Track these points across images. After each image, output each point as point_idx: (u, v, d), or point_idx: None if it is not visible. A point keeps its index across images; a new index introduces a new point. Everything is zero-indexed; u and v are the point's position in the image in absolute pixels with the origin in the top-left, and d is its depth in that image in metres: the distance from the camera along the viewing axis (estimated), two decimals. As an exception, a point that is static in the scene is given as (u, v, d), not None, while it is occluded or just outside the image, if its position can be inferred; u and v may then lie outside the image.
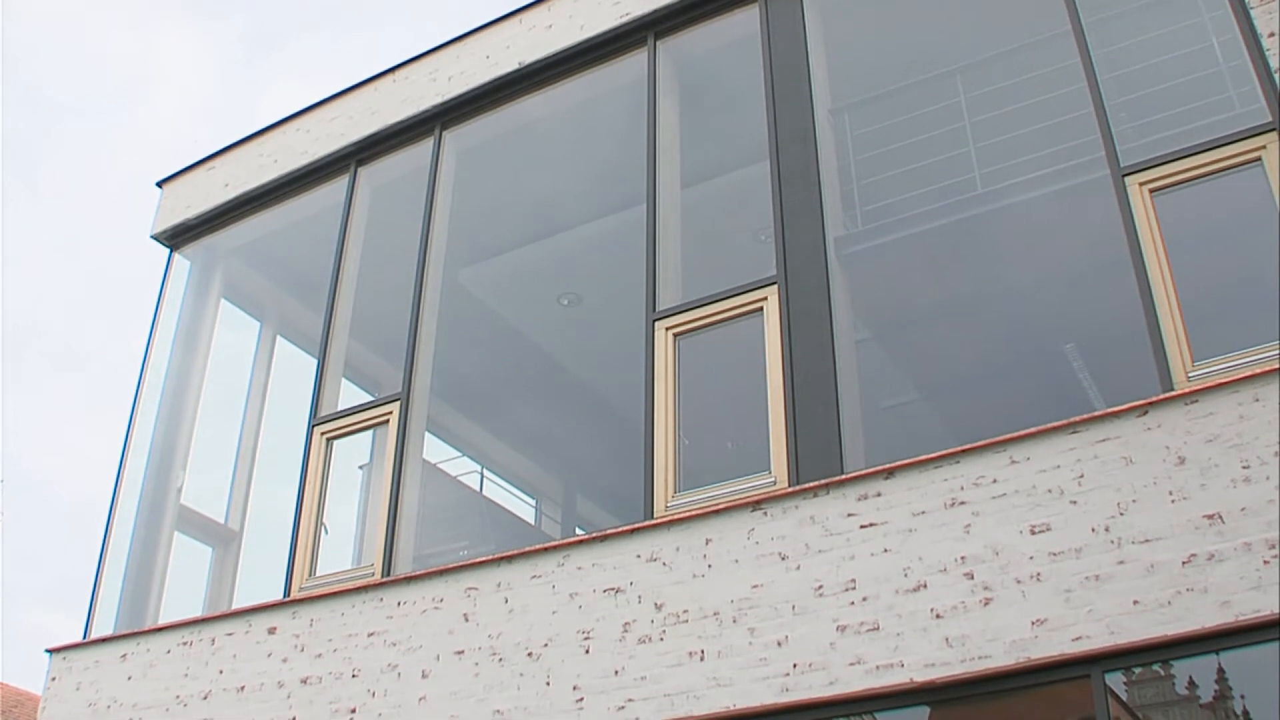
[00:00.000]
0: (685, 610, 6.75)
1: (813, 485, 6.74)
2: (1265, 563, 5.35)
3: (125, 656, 8.94)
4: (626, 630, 6.89)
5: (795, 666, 6.26)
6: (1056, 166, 8.11)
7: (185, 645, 8.67)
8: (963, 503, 6.23)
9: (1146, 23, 8.24)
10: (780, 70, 8.55)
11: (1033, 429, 6.24)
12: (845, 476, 6.68)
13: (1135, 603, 5.55)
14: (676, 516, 7.10)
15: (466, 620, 7.52)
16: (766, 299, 7.69)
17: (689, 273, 8.47)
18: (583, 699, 6.82)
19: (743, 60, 9.01)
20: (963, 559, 6.08)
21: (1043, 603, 5.77)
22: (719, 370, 8.35)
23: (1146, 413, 6.00)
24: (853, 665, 6.10)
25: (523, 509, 14.18)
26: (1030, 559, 5.91)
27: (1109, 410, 6.10)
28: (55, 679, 9.26)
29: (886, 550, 6.32)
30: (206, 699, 8.31)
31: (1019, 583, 5.88)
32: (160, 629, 8.97)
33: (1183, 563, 5.54)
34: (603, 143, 10.23)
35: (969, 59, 9.07)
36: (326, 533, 9.11)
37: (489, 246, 11.32)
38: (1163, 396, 6.01)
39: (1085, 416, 6.14)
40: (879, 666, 6.04)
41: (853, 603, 6.27)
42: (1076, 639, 5.62)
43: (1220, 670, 5.43)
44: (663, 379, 7.82)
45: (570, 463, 14.33)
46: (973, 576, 6.01)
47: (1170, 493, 5.73)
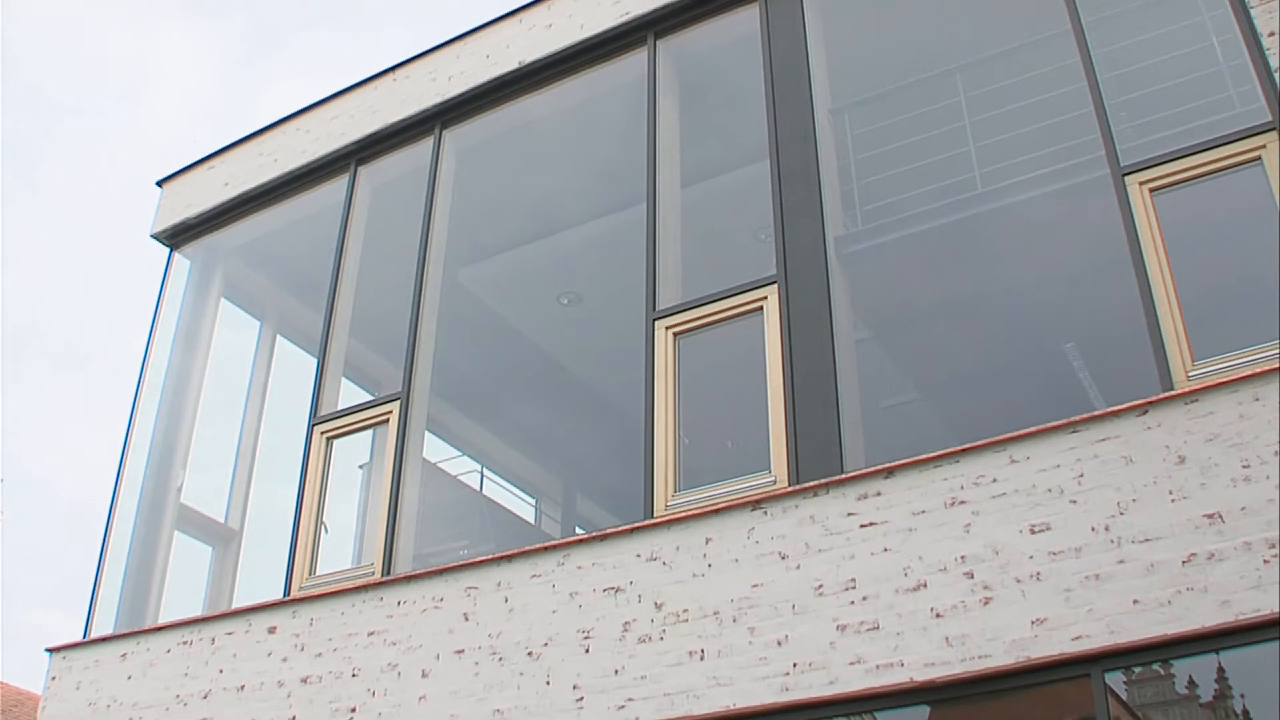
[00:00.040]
0: (685, 609, 6.75)
1: (813, 485, 6.74)
2: (1265, 562, 5.35)
3: (125, 656, 8.94)
4: (626, 629, 6.89)
5: (795, 666, 6.26)
6: (1056, 166, 8.10)
7: (185, 644, 8.67)
8: (963, 502, 6.23)
9: (1146, 22, 8.24)
10: (780, 69, 8.55)
11: (1033, 428, 6.24)
12: (845, 476, 6.68)
13: (1135, 602, 5.55)
14: (676, 516, 7.10)
15: (466, 619, 7.52)
16: (766, 298, 7.69)
17: (689, 272, 8.47)
18: (583, 698, 6.82)
19: (743, 59, 9.00)
20: (963, 558, 6.08)
21: (1043, 602, 5.77)
22: (719, 369, 8.35)
23: (1146, 412, 6.00)
24: (853, 664, 6.10)
25: (523, 508, 14.18)
26: (1030, 558, 5.91)
27: (1109, 410, 6.10)
28: (55, 678, 9.26)
29: (886, 549, 6.32)
30: (206, 698, 8.31)
31: (1019, 582, 5.88)
32: (160, 628, 8.97)
33: (1183, 562, 5.54)
34: (603, 142, 10.23)
35: (969, 58, 9.07)
36: (326, 532, 9.11)
37: (489, 246, 11.33)
38: (1163, 396, 6.01)
39: (1085, 416, 6.14)
40: (879, 666, 6.04)
41: (853, 602, 6.27)
42: (1076, 638, 5.62)
43: (1220, 670, 5.43)
44: (663, 378, 7.82)
45: (570, 462, 14.33)
46: (973, 576, 6.01)
47: (1170, 492, 5.73)
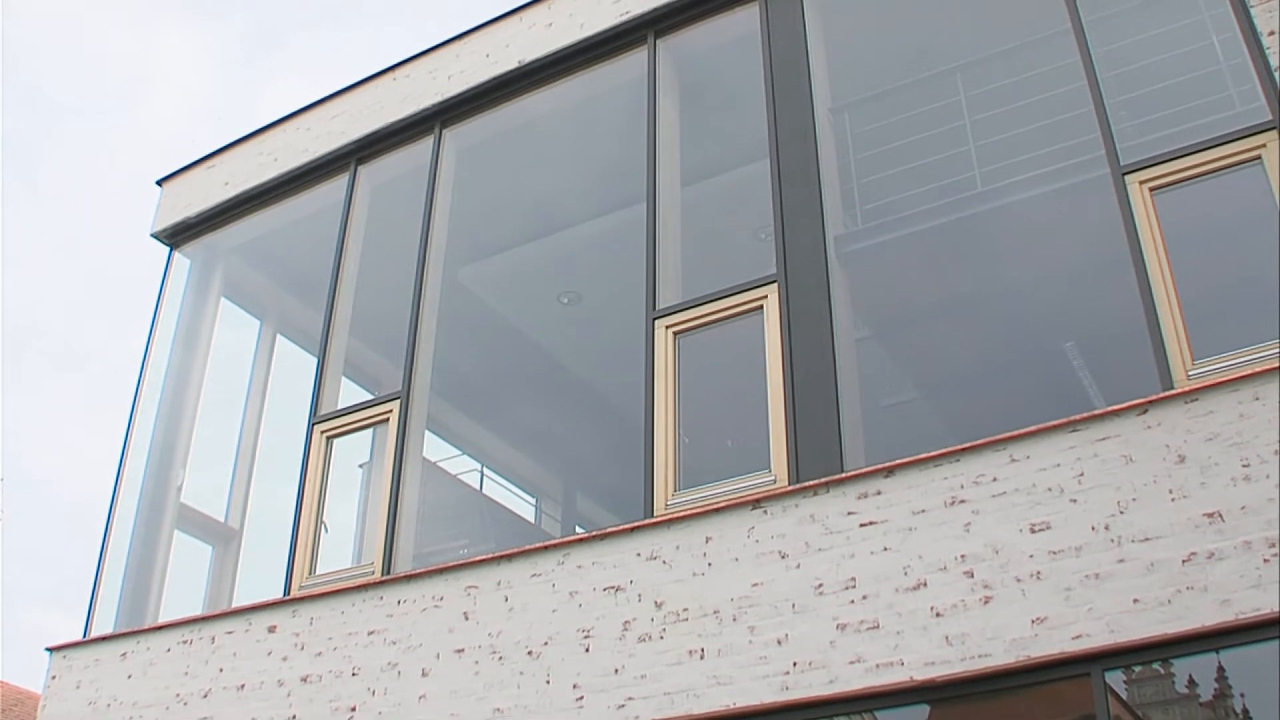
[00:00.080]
0: (685, 609, 6.75)
1: (813, 484, 6.74)
2: (1265, 561, 5.35)
3: (125, 655, 8.95)
4: (626, 629, 6.89)
5: (795, 665, 6.26)
6: (1056, 165, 8.10)
7: (185, 644, 8.67)
8: (963, 501, 6.23)
9: (1146, 21, 8.23)
10: (780, 68, 8.55)
11: (1033, 427, 6.23)
12: (845, 475, 6.68)
13: (1135, 601, 5.55)
14: (676, 515, 7.10)
15: (466, 619, 7.52)
16: (766, 297, 7.69)
17: (689, 271, 8.47)
18: (583, 697, 6.82)
19: (743, 58, 9.00)
20: (963, 557, 6.08)
21: (1043, 601, 5.77)
22: (719, 369, 8.35)
23: (1146, 411, 6.00)
24: (853, 664, 6.10)
25: (523, 507, 14.18)
26: (1030, 557, 5.91)
27: (1109, 409, 6.10)
28: (55, 677, 9.26)
29: (886, 549, 6.32)
30: (206, 697, 8.31)
31: (1019, 581, 5.88)
32: (160, 627, 8.97)
33: (1183, 561, 5.54)
34: (603, 141, 10.23)
35: (969, 57, 9.07)
36: (326, 531, 9.11)
37: (489, 245, 11.33)
38: (1163, 395, 6.01)
39: (1085, 415, 6.14)
40: (879, 665, 6.04)
41: (853, 601, 6.27)
42: (1076, 637, 5.62)
43: (1220, 669, 5.43)
44: (663, 377, 7.82)
45: (570, 461, 14.33)
46: (973, 575, 6.01)
47: (1170, 491, 5.73)
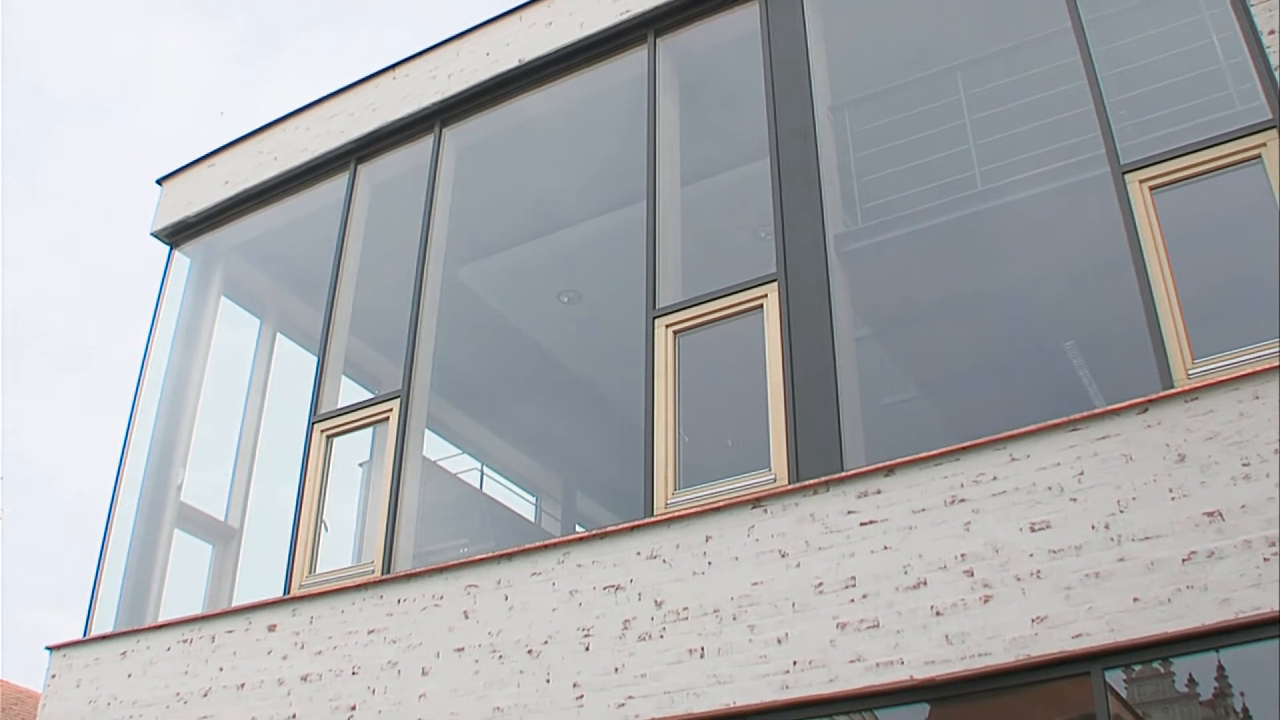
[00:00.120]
0: (685, 607, 6.75)
1: (813, 482, 6.74)
2: (1265, 560, 5.35)
3: (125, 654, 8.95)
4: (626, 628, 6.89)
5: (795, 664, 6.26)
6: (1056, 164, 8.09)
7: (185, 643, 8.67)
8: (963, 500, 6.23)
9: (1146, 20, 8.23)
10: (780, 67, 8.55)
11: (1033, 426, 6.23)
12: (845, 474, 6.68)
13: (1135, 600, 5.55)
14: (676, 514, 7.10)
15: (466, 617, 7.52)
16: (766, 296, 7.69)
17: (689, 270, 8.47)
18: (583, 696, 6.82)
19: (743, 57, 9.00)
20: (963, 556, 6.08)
21: (1043, 600, 5.77)
22: (719, 367, 8.35)
23: (1146, 410, 6.00)
24: (853, 663, 6.10)
25: (523, 506, 14.18)
26: (1030, 556, 5.91)
27: (1109, 408, 6.10)
28: (55, 676, 9.26)
29: (886, 547, 6.32)
30: (206, 696, 8.31)
31: (1019, 580, 5.88)
32: (160, 626, 8.97)
33: (1183, 560, 5.54)
34: (603, 140, 10.23)
35: (969, 56, 9.06)
36: (326, 530, 9.11)
37: (489, 244, 11.32)
38: (1163, 394, 6.01)
39: (1085, 414, 6.14)
40: (879, 664, 6.04)
41: (853, 600, 6.27)
42: (1076, 636, 5.62)
43: (1220, 668, 5.43)
44: (663, 376, 7.82)
45: (570, 460, 14.33)
46: (973, 574, 6.01)
47: (1170, 490, 5.73)
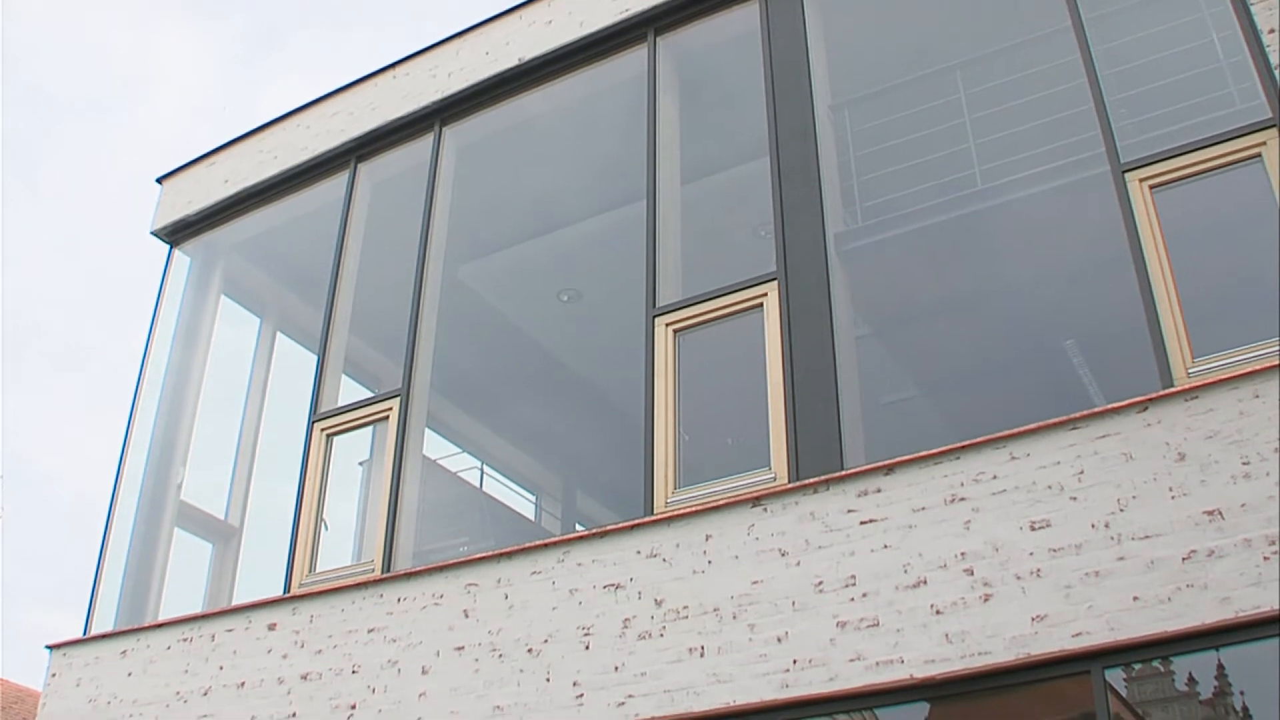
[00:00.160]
0: (685, 606, 6.75)
1: (813, 481, 6.74)
2: (1265, 559, 5.35)
3: (125, 653, 8.95)
4: (626, 626, 6.89)
5: (795, 663, 6.26)
6: (1056, 162, 8.09)
7: (185, 641, 8.67)
8: (963, 499, 6.23)
9: (1147, 19, 8.23)
10: (780, 66, 8.55)
11: (1033, 425, 6.23)
12: (845, 472, 6.68)
13: (1135, 599, 5.55)
14: (676, 512, 7.10)
15: (466, 616, 7.52)
16: (766, 295, 7.69)
17: (689, 269, 8.46)
18: (583, 695, 6.82)
19: (743, 56, 8.99)
20: (963, 555, 6.08)
21: (1043, 599, 5.77)
22: (719, 366, 8.34)
23: (1146, 409, 6.00)
24: (853, 661, 6.10)
25: (523, 505, 14.18)
26: (1030, 555, 5.91)
27: (1109, 406, 6.10)
28: (55, 675, 9.26)
29: (886, 546, 6.32)
30: (206, 695, 8.31)
31: (1019, 579, 5.88)
32: (160, 625, 8.97)
33: (1183, 559, 5.54)
34: (603, 139, 10.23)
35: (969, 55, 9.06)
36: (326, 529, 9.11)
37: (489, 242, 11.32)
38: (1163, 393, 6.01)
39: (1085, 413, 6.14)
40: (879, 663, 6.04)
41: (853, 599, 6.27)
42: (1076, 635, 5.62)
43: (1220, 667, 5.43)
44: (663, 375, 7.82)
45: (570, 459, 14.32)
46: (973, 573, 6.01)
47: (1170, 489, 5.73)
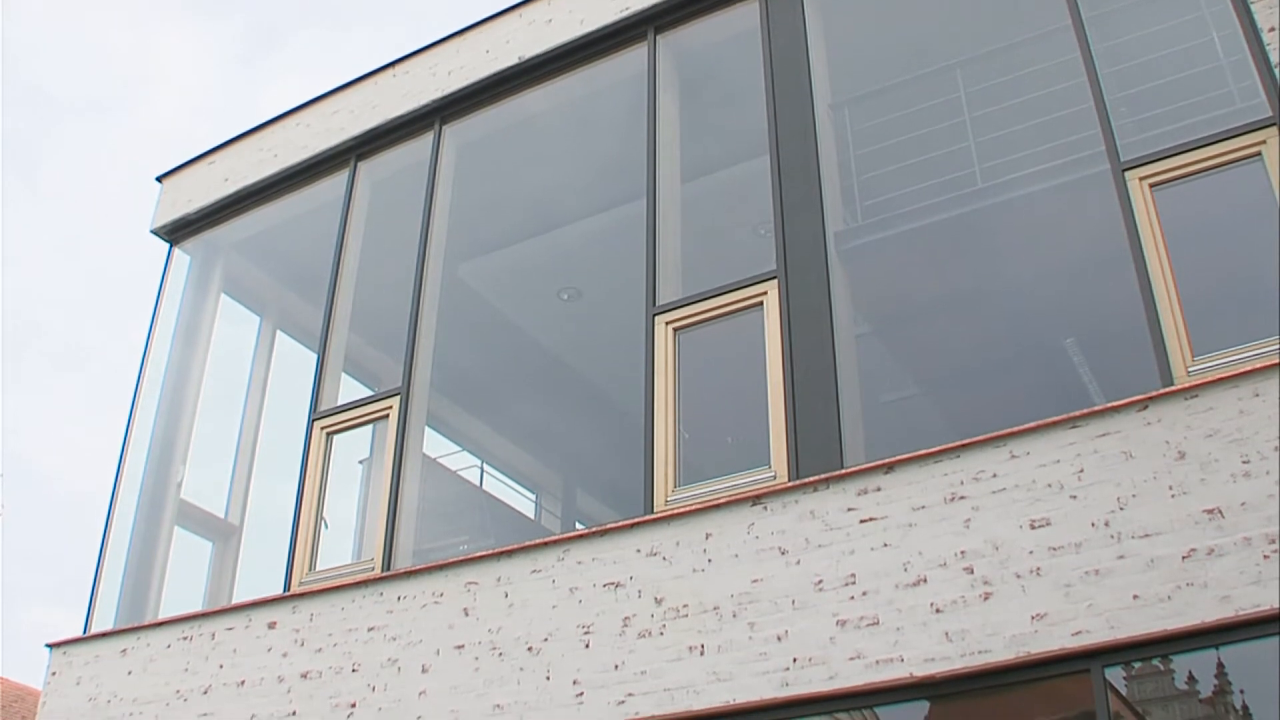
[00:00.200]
0: (685, 605, 6.75)
1: (813, 480, 6.74)
2: (1265, 558, 5.35)
3: (125, 651, 8.95)
4: (626, 625, 6.89)
5: (795, 661, 6.26)
6: (1056, 161, 8.09)
7: (185, 640, 8.68)
8: (962, 497, 6.23)
9: (1147, 17, 8.23)
10: (780, 65, 8.55)
11: (1033, 424, 6.23)
12: (845, 471, 6.68)
13: (1135, 597, 5.56)
14: (676, 511, 7.10)
15: (466, 615, 7.52)
16: (766, 294, 7.69)
17: (689, 267, 8.46)
18: (582, 693, 6.82)
19: (743, 55, 8.99)
20: (962, 553, 6.08)
21: (1042, 597, 5.78)
22: (719, 365, 8.34)
23: (1146, 407, 6.00)
24: (852, 660, 6.11)
25: (523, 504, 14.18)
26: (1030, 553, 5.91)
27: (1109, 405, 6.10)
28: (55, 674, 9.26)
29: (886, 545, 6.32)
30: (206, 694, 8.31)
31: (1019, 577, 5.88)
32: (160, 624, 8.97)
33: (1182, 558, 5.54)
34: (603, 137, 10.22)
35: (969, 53, 9.05)
36: (326, 527, 9.11)
37: (489, 241, 11.32)
38: (1163, 391, 6.01)
39: (1085, 411, 6.14)
40: (879, 661, 6.04)
41: (852, 597, 6.27)
42: (1076, 634, 5.62)
43: (1220, 665, 5.44)
44: (663, 374, 7.82)
45: (570, 457, 14.33)
46: (972, 571, 6.01)
47: (1170, 487, 5.73)
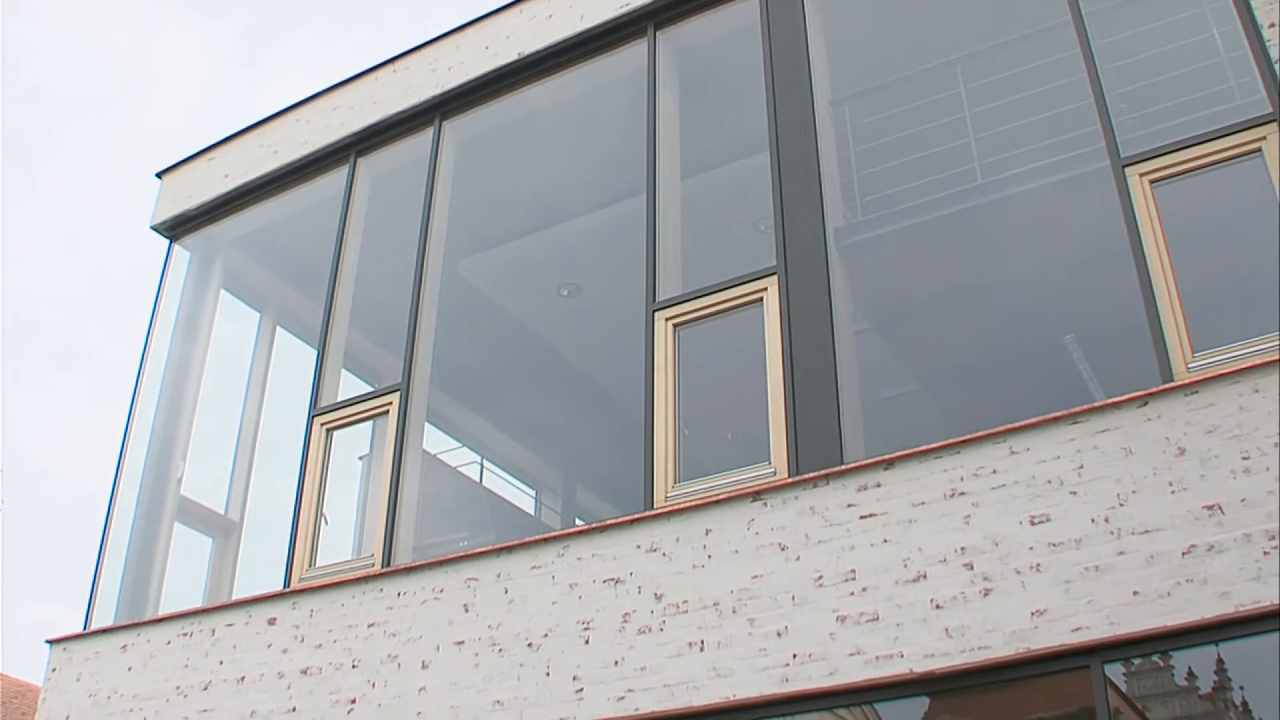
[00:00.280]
0: (685, 601, 6.75)
1: (813, 476, 6.74)
2: (1265, 554, 5.35)
3: (125, 647, 8.96)
4: (626, 621, 6.89)
5: (795, 657, 6.27)
6: (1056, 157, 8.09)
7: (185, 636, 8.68)
8: (962, 493, 6.23)
9: (1147, 13, 8.23)
10: (780, 61, 8.54)
11: (1032, 420, 6.24)
12: (845, 467, 6.68)
13: (1135, 593, 5.56)
14: (676, 507, 7.10)
15: (466, 611, 7.53)
16: (766, 290, 7.69)
17: (689, 263, 8.46)
18: (583, 689, 6.83)
19: (743, 51, 8.99)
20: (962, 549, 6.08)
21: (1042, 593, 5.78)
22: (719, 361, 8.34)
23: (1146, 403, 6.00)
24: (852, 656, 6.11)
25: (523, 499, 14.19)
26: (1030, 549, 5.91)
27: (1109, 401, 6.10)
28: (56, 670, 9.27)
29: (886, 541, 6.32)
30: (207, 690, 8.32)
31: (1019, 573, 5.89)
32: (160, 620, 8.97)
33: (1182, 554, 5.54)
34: (603, 133, 10.22)
35: (969, 50, 9.05)
36: (326, 523, 9.11)
37: (489, 237, 11.32)
38: (1163, 387, 6.01)
39: (1085, 407, 6.14)
40: (879, 657, 6.05)
41: (852, 593, 6.27)
42: (1076, 630, 5.63)
43: (1220, 661, 5.44)
44: (663, 369, 7.82)
45: (570, 453, 14.33)
46: (972, 567, 6.01)
47: (1170, 483, 5.73)
